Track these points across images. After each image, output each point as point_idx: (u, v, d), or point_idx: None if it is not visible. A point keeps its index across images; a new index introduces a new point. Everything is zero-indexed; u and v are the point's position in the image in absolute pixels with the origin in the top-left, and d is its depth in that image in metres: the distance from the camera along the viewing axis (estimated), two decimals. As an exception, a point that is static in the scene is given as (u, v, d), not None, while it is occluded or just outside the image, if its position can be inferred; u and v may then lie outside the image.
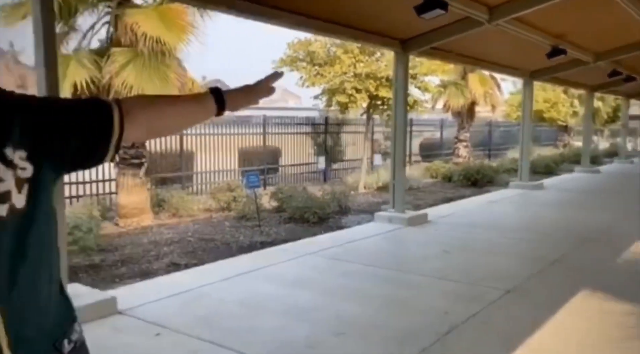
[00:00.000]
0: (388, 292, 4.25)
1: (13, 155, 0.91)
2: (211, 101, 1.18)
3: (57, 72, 3.69)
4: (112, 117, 1.02)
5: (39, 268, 0.95)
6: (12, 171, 0.90)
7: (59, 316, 1.02)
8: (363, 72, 10.59)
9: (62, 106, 1.07)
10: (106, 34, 7.24)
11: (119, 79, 6.59)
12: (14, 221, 0.90)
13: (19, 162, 0.91)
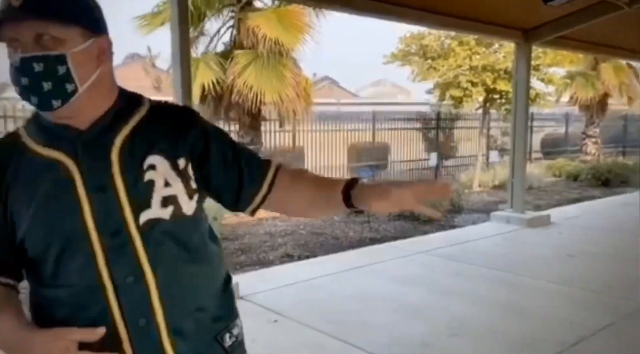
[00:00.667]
0: (505, 296, 4.05)
1: (185, 166, 1.01)
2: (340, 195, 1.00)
3: (190, 74, 4.02)
4: (267, 174, 1.07)
5: (199, 266, 1.03)
6: (182, 180, 0.99)
7: (222, 309, 1.08)
8: (479, 64, 10.12)
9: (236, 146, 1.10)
10: (230, 38, 7.76)
11: (241, 79, 7.03)
12: (178, 224, 0.98)
13: (191, 174, 1.02)
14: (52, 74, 0.90)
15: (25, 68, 0.89)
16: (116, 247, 0.95)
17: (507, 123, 13.09)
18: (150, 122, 1.02)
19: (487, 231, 6.34)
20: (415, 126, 13.28)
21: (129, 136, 0.99)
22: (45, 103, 0.92)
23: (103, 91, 0.99)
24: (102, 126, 0.99)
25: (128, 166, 0.97)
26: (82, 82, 0.93)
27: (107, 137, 0.98)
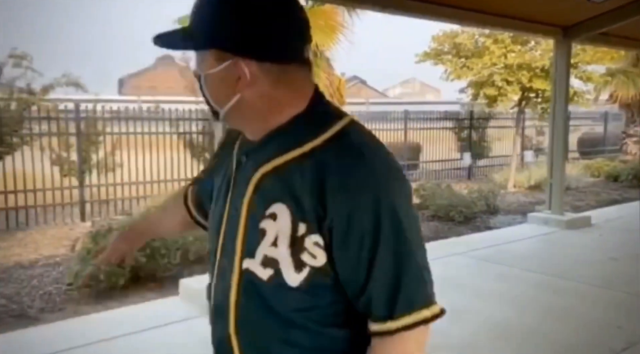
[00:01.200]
0: (547, 299, 3.96)
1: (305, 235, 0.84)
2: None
3: None
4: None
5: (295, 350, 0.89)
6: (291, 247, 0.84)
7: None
8: (515, 63, 9.92)
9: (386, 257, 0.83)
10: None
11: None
12: (276, 291, 0.87)
13: (309, 248, 0.84)
14: (202, 91, 0.93)
15: (198, 81, 0.93)
16: (222, 268, 0.95)
17: (543, 122, 12.79)
18: (308, 159, 0.85)
19: (525, 233, 6.21)
20: (448, 125, 13.10)
21: (278, 166, 0.87)
22: (213, 115, 0.95)
23: (254, 114, 0.90)
24: (262, 144, 0.92)
25: (258, 201, 0.88)
26: (219, 106, 0.91)
27: (261, 156, 0.90)
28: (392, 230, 0.82)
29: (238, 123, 0.94)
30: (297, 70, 0.90)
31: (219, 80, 0.88)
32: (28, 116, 7.71)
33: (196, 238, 5.53)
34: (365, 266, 0.82)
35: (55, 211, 7.42)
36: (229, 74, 0.86)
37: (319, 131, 0.87)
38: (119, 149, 8.18)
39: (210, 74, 0.88)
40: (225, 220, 0.94)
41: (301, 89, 0.91)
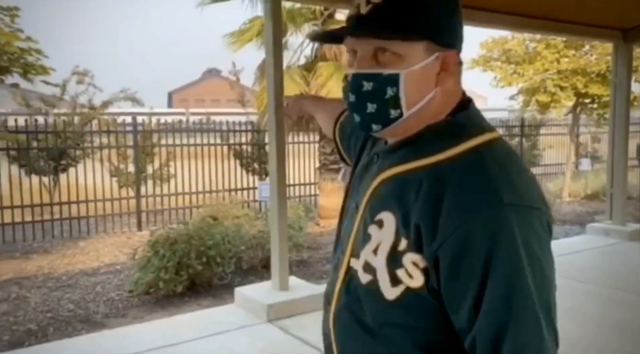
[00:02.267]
0: (612, 314, 3.78)
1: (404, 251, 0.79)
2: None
3: (283, 86, 4.11)
4: None
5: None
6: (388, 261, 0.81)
7: None
8: (569, 68, 9.60)
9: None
10: (311, 51, 7.93)
11: (324, 90, 7.15)
12: (371, 299, 0.84)
13: (407, 266, 0.79)
14: (379, 95, 0.81)
15: (355, 85, 0.82)
16: (337, 258, 0.95)
17: (600, 129, 12.29)
18: (429, 172, 0.79)
19: (584, 244, 5.96)
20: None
21: (398, 174, 0.84)
22: (364, 125, 0.85)
23: (429, 113, 0.83)
24: (393, 149, 0.87)
25: (372, 205, 0.86)
26: (410, 107, 0.81)
27: (388, 161, 0.87)
28: (510, 263, 0.72)
29: (405, 128, 0.84)
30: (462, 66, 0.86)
31: (422, 75, 0.80)
32: (89, 130, 8.11)
33: (248, 247, 5.65)
34: (473, 300, 0.73)
35: (114, 220, 7.75)
36: (431, 68, 0.80)
37: (451, 144, 0.80)
38: (172, 160, 8.48)
39: (417, 68, 0.79)
40: (347, 213, 0.95)
41: (459, 90, 0.87)
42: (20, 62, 5.48)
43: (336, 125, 1.27)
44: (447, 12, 0.82)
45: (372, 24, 0.79)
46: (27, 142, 7.22)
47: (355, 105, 0.83)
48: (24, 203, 7.01)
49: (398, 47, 0.78)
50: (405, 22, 0.78)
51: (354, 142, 1.15)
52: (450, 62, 0.82)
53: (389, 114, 0.81)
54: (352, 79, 0.83)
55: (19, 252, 6.43)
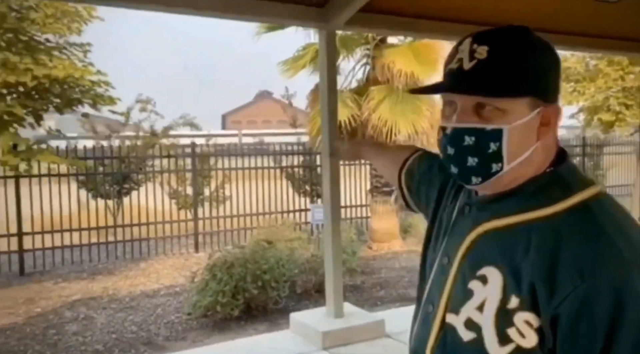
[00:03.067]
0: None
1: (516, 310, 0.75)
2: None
3: (337, 110, 4.14)
4: None
5: None
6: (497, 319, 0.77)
7: None
8: (634, 85, 9.16)
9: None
10: (363, 74, 7.99)
11: (375, 114, 7.18)
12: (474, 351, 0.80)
13: (520, 325, 0.75)
14: (481, 150, 0.80)
15: (455, 138, 0.82)
16: (425, 313, 0.92)
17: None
18: (539, 226, 0.77)
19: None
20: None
21: (501, 227, 0.82)
22: (463, 177, 0.85)
23: (528, 167, 0.82)
24: (488, 201, 0.86)
25: (471, 259, 0.84)
26: (511, 161, 0.80)
27: (485, 213, 0.85)
28: (637, 327, 0.69)
29: (505, 182, 0.83)
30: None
31: (525, 130, 0.80)
32: (151, 155, 8.50)
33: (301, 271, 5.68)
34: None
35: (172, 241, 8.02)
36: (533, 122, 0.81)
37: (559, 198, 0.78)
38: (227, 182, 8.72)
39: (520, 123, 0.79)
40: (437, 265, 0.92)
41: (556, 142, 0.86)
42: (90, 94, 5.86)
43: (402, 171, 1.25)
44: (548, 68, 0.83)
45: (477, 80, 0.80)
46: (94, 168, 7.65)
47: (455, 158, 0.83)
48: (90, 225, 7.40)
49: (501, 103, 0.79)
50: (511, 80, 0.79)
51: (424, 189, 1.14)
52: (551, 117, 0.82)
53: (490, 168, 0.81)
54: (453, 132, 0.83)
55: (85, 273, 6.77)
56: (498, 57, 0.80)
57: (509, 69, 0.79)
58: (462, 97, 0.82)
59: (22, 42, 5.37)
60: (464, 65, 0.81)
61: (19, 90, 5.27)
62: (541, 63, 0.81)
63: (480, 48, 0.80)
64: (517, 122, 0.79)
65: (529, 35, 0.83)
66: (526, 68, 0.80)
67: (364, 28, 4.98)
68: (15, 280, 6.45)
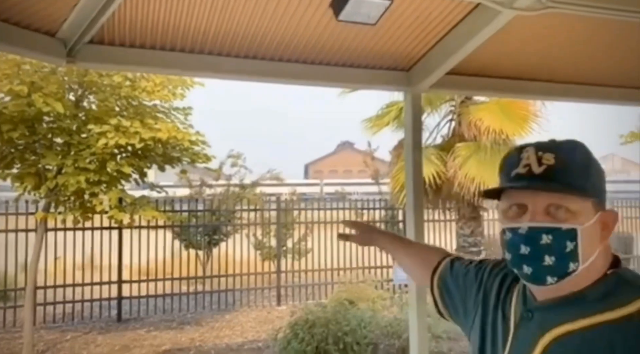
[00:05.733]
0: None
1: None
2: None
3: (422, 167, 4.11)
4: None
5: None
6: None
7: None
8: None
9: None
10: (448, 130, 7.91)
11: (462, 171, 7.02)
12: None
13: None
14: (559, 249, 0.83)
15: (532, 238, 0.84)
16: None
17: None
18: (621, 327, 0.79)
19: None
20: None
21: (574, 331, 0.83)
22: (538, 277, 0.85)
23: (595, 269, 0.86)
24: (553, 305, 0.87)
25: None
26: (585, 261, 0.84)
27: (552, 318, 0.86)
28: None
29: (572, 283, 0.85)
30: None
31: (592, 232, 0.85)
32: (239, 208, 8.89)
33: (384, 334, 5.52)
34: None
35: (256, 293, 8.18)
36: (597, 225, 0.87)
37: (631, 298, 0.81)
38: (310, 234, 8.84)
39: (589, 225, 0.84)
40: None
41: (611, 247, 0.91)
42: (189, 152, 6.31)
43: (434, 275, 1.21)
44: (602, 177, 0.91)
45: (550, 182, 0.85)
46: (188, 219, 8.12)
47: (530, 257, 0.85)
48: (181, 275, 7.78)
49: (573, 205, 0.84)
50: (579, 182, 0.85)
51: (460, 296, 1.11)
52: (610, 221, 0.88)
53: (567, 267, 0.83)
54: (529, 231, 0.85)
55: (175, 322, 7.06)
56: (565, 163, 0.86)
57: (577, 173, 0.86)
58: (534, 198, 0.86)
59: (133, 107, 5.97)
60: (533, 169, 0.87)
61: (127, 150, 5.82)
62: (598, 170, 0.90)
63: (547, 155, 0.87)
64: (587, 223, 0.84)
65: (584, 146, 0.91)
66: (590, 173, 0.88)
67: (449, 90, 4.99)
68: (113, 326, 6.87)
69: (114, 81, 5.70)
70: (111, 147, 5.41)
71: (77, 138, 5.50)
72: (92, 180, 5.40)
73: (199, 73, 3.81)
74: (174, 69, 3.00)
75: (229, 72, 3.27)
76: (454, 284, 1.14)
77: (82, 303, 7.01)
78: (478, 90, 5.19)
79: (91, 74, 5.53)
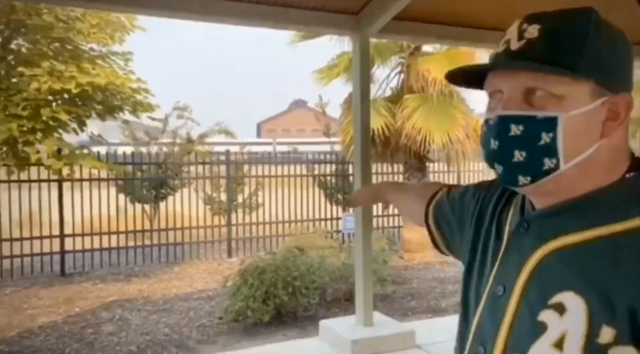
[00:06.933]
0: None
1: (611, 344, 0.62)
2: None
3: (369, 119, 4.16)
4: None
5: None
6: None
7: None
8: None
9: None
10: (397, 83, 7.97)
11: (409, 123, 7.13)
12: None
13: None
14: (530, 141, 0.68)
15: (500, 128, 0.70)
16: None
17: None
18: (626, 241, 0.65)
19: None
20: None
21: (575, 244, 0.69)
22: (509, 176, 0.71)
23: (594, 170, 0.70)
24: (553, 214, 0.72)
25: (539, 284, 0.70)
26: (568, 159, 0.68)
27: (550, 229, 0.71)
28: None
29: (563, 185, 0.70)
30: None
31: (585, 122, 0.68)
32: (187, 162, 8.70)
33: (332, 279, 5.67)
34: None
35: (206, 246, 8.15)
36: (597, 114, 0.68)
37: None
38: (260, 189, 8.82)
39: (579, 113, 0.67)
40: (486, 298, 0.77)
41: (628, 145, 0.73)
42: (130, 101, 6.06)
43: (429, 205, 1.06)
44: (614, 51, 0.70)
45: (527, 58, 0.68)
46: (132, 173, 7.88)
47: (499, 153, 0.70)
48: (127, 229, 7.61)
49: (557, 87, 0.67)
50: (568, 57, 0.67)
51: (456, 218, 0.97)
52: (620, 110, 0.69)
53: (541, 165, 0.68)
54: (497, 121, 0.70)
55: (122, 275, 6.96)
56: (551, 34, 0.68)
57: (567, 45, 0.67)
58: (508, 81, 0.70)
59: (68, 51, 5.62)
60: (511, 46, 0.70)
61: (63, 97, 5.51)
62: (607, 44, 0.68)
63: (531, 27, 0.69)
64: (576, 110, 0.67)
65: (592, 15, 0.69)
66: (586, 47, 0.67)
67: (397, 35, 4.97)
68: (56, 280, 6.69)
69: (44, 21, 5.31)
70: (45, 93, 5.11)
71: (6, 83, 5.15)
72: (25, 128, 5.11)
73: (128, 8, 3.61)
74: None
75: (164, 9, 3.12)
76: (450, 209, 1.00)
77: (22, 258, 6.74)
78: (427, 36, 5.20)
79: (17, 13, 5.13)
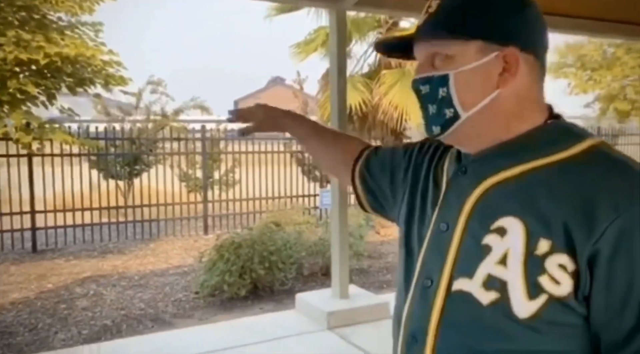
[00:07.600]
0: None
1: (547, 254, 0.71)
2: None
3: (346, 95, 4.15)
4: None
5: None
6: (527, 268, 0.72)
7: None
8: (653, 73, 8.99)
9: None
10: (375, 58, 7.92)
11: (386, 99, 7.13)
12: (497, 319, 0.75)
13: (551, 268, 0.71)
14: (434, 97, 0.81)
15: (416, 90, 0.85)
16: (421, 290, 0.84)
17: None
18: (556, 170, 0.75)
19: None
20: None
21: (512, 177, 0.78)
22: (428, 127, 0.85)
23: (503, 117, 0.80)
24: (487, 157, 0.82)
25: (481, 214, 0.79)
26: (467, 108, 0.79)
27: (487, 168, 0.81)
28: None
29: (475, 131, 0.82)
30: (543, 73, 0.82)
31: (475, 76, 0.79)
32: (162, 137, 8.55)
33: (309, 254, 5.71)
34: (636, 305, 0.68)
35: (182, 223, 8.09)
36: (489, 68, 0.78)
37: (566, 145, 0.77)
38: (237, 166, 8.75)
39: (467, 68, 0.79)
40: (429, 237, 0.86)
41: (542, 97, 0.83)
42: (102, 74, 5.88)
43: (356, 166, 1.10)
44: (505, 9, 0.79)
45: (426, 31, 0.82)
46: (105, 148, 7.71)
47: (422, 109, 0.85)
48: (101, 205, 7.49)
49: (450, 49, 0.79)
50: (453, 23, 0.79)
51: (386, 180, 1.05)
52: (512, 62, 0.78)
53: (444, 115, 0.81)
54: (414, 84, 0.85)
55: (96, 252, 6.86)
56: (444, 6, 0.80)
57: (453, 13, 0.80)
58: (419, 50, 0.85)
59: (35, 20, 5.40)
60: (419, 21, 0.84)
61: (31, 68, 5.32)
62: (493, 6, 0.79)
63: (434, 2, 0.82)
64: (464, 67, 0.78)
65: None
66: (469, 8, 0.79)
67: (374, 8, 4.93)
68: (27, 257, 6.56)
69: (8, -13, 5.09)
70: (11, 63, 4.92)
71: (-31, 52, 4.94)
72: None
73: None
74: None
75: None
76: (380, 168, 1.06)
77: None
78: (405, 11, 5.18)
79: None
